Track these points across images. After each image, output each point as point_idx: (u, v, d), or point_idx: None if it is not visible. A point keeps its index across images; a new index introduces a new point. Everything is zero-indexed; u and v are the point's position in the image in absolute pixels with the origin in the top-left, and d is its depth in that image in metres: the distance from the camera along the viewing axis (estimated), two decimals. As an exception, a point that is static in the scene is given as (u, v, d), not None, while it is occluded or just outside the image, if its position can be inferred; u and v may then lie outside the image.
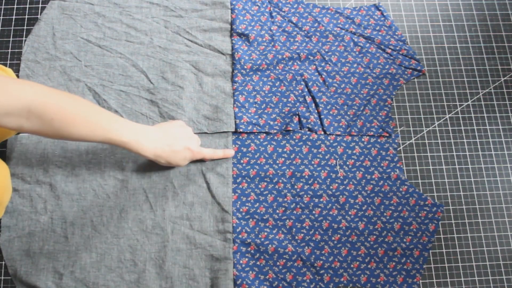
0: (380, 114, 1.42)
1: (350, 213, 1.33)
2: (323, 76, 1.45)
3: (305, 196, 1.33)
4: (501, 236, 1.36)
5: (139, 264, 1.25)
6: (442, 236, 1.34)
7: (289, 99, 1.42)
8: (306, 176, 1.35)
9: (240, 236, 1.29)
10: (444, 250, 1.33)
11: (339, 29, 1.51)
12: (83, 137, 1.03)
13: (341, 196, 1.34)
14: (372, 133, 1.40)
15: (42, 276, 1.24)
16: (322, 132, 1.39)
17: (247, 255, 1.28)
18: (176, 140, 1.20)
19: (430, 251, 1.32)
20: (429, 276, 1.31)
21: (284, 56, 1.45)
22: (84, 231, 1.27)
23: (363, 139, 1.39)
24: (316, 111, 1.41)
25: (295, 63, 1.46)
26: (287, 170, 1.35)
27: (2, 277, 1.26)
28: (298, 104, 1.41)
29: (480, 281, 1.32)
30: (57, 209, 1.29)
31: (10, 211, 1.29)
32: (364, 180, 1.36)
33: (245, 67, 1.43)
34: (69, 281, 1.24)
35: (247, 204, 1.32)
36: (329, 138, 1.39)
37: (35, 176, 1.31)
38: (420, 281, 1.29)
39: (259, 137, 1.38)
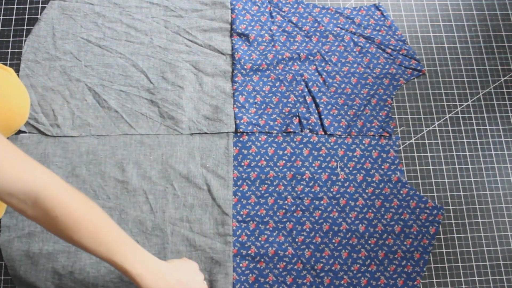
0: (380, 114, 1.42)
1: (350, 215, 1.33)
2: (323, 76, 1.45)
3: (305, 198, 1.33)
4: (501, 236, 1.36)
5: (139, 266, 1.25)
6: (442, 236, 1.34)
7: (289, 99, 1.42)
8: (307, 179, 1.35)
9: (240, 239, 1.29)
10: (444, 251, 1.33)
11: (339, 29, 1.51)
12: (84, 247, 0.93)
13: (341, 199, 1.34)
14: (372, 133, 1.40)
15: (41, 276, 1.24)
16: (323, 132, 1.39)
17: (247, 258, 1.28)
18: (182, 285, 1.07)
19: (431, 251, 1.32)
20: (429, 276, 1.31)
21: (284, 56, 1.45)
22: (84, 232, 1.27)
23: (364, 141, 1.39)
24: (316, 111, 1.41)
25: (295, 63, 1.46)
26: (288, 172, 1.35)
27: (2, 277, 1.27)
28: (298, 104, 1.41)
29: (480, 281, 1.32)
30: (57, 210, 1.29)
31: (10, 211, 1.29)
32: (364, 183, 1.36)
33: (245, 67, 1.43)
34: (68, 281, 1.24)
35: (247, 206, 1.32)
36: (329, 140, 1.39)
37: (35, 176, 1.31)
38: (420, 281, 1.30)
39: (259, 139, 1.37)
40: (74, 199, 0.91)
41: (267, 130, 1.38)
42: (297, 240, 1.30)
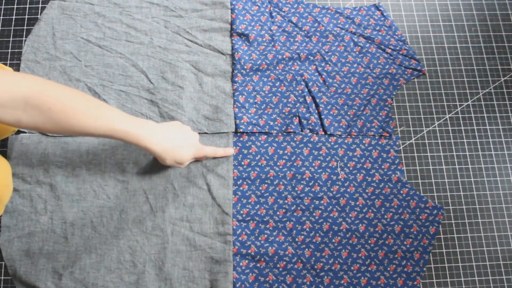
0: (380, 114, 1.42)
1: (350, 215, 1.33)
2: (323, 76, 1.44)
3: (305, 198, 1.33)
4: (501, 236, 1.36)
5: (139, 266, 1.25)
6: (442, 236, 1.34)
7: (289, 100, 1.41)
8: (307, 178, 1.35)
9: (240, 238, 1.29)
10: (444, 250, 1.33)
11: (339, 29, 1.51)
12: (85, 129, 0.99)
13: (341, 198, 1.34)
14: (372, 133, 1.40)
15: (41, 276, 1.25)
16: (323, 132, 1.39)
17: (247, 257, 1.28)
18: (179, 135, 1.18)
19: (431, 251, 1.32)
20: (429, 276, 1.31)
21: (284, 56, 1.45)
22: (84, 232, 1.27)
23: (364, 141, 1.39)
24: (316, 111, 1.41)
25: (295, 63, 1.45)
26: (288, 172, 1.35)
27: (2, 277, 1.27)
28: (298, 104, 1.41)
29: (480, 281, 1.32)
30: (57, 210, 1.29)
31: (10, 211, 1.28)
32: (364, 183, 1.36)
33: (245, 67, 1.43)
34: (68, 281, 1.24)
35: (247, 206, 1.32)
36: (330, 140, 1.38)
37: (35, 176, 1.31)
38: (420, 281, 1.30)
39: (260, 138, 1.37)
40: (60, 90, 0.97)
41: (267, 130, 1.38)
42: (297, 239, 1.30)
